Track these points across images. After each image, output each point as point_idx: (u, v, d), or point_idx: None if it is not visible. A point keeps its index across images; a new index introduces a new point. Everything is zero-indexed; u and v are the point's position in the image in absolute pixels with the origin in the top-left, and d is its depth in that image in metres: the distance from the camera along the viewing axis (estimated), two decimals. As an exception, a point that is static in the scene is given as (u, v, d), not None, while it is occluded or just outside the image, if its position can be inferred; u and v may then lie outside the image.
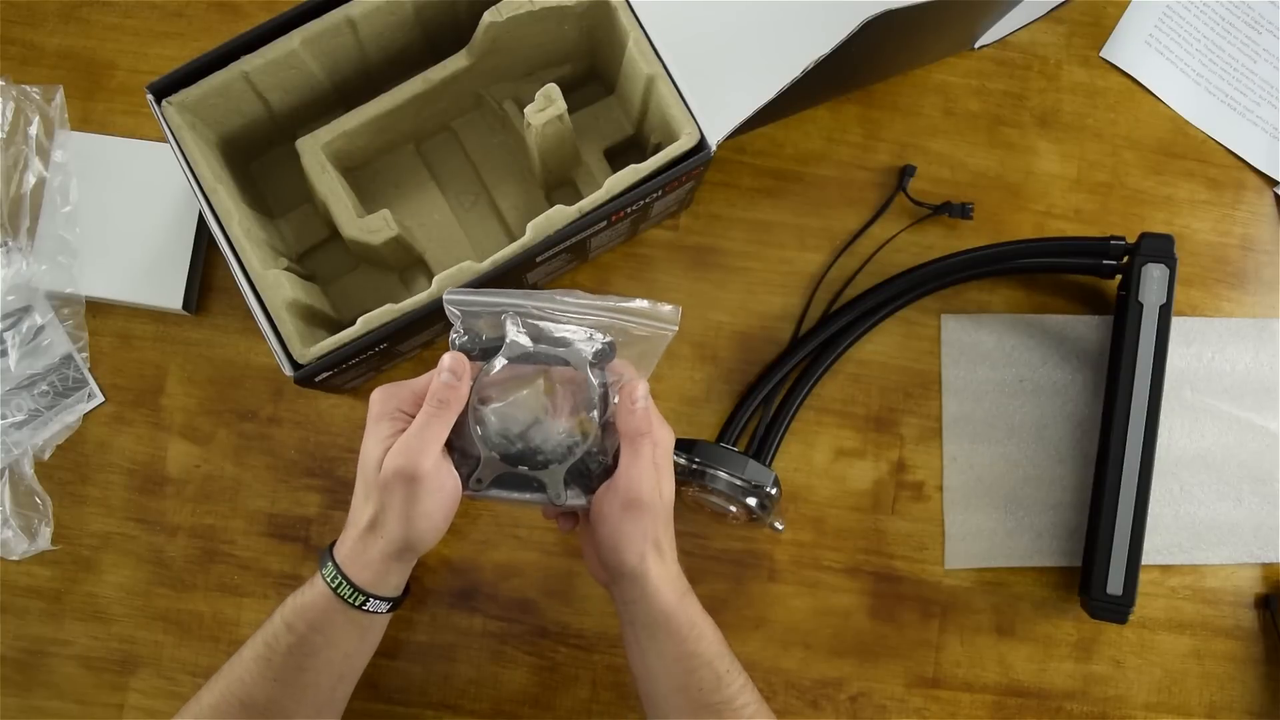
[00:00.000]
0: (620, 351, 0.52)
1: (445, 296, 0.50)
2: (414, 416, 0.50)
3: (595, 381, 0.50)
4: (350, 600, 0.51)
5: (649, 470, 0.51)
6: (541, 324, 0.50)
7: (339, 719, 0.55)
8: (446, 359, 0.50)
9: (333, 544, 0.53)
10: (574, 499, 0.52)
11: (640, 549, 0.51)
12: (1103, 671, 0.70)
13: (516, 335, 0.50)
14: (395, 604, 0.54)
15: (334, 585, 0.51)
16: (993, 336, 0.72)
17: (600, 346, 0.51)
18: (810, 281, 0.72)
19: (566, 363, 0.50)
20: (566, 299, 0.50)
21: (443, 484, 0.49)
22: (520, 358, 0.50)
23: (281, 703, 0.52)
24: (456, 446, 0.50)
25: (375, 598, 0.52)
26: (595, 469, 0.52)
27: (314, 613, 0.52)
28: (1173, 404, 0.72)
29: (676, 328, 0.52)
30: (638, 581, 0.52)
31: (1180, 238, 0.69)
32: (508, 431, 0.50)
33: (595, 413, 0.50)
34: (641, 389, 0.51)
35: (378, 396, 0.51)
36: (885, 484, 0.71)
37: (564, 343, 0.50)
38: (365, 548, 0.51)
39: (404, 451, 0.48)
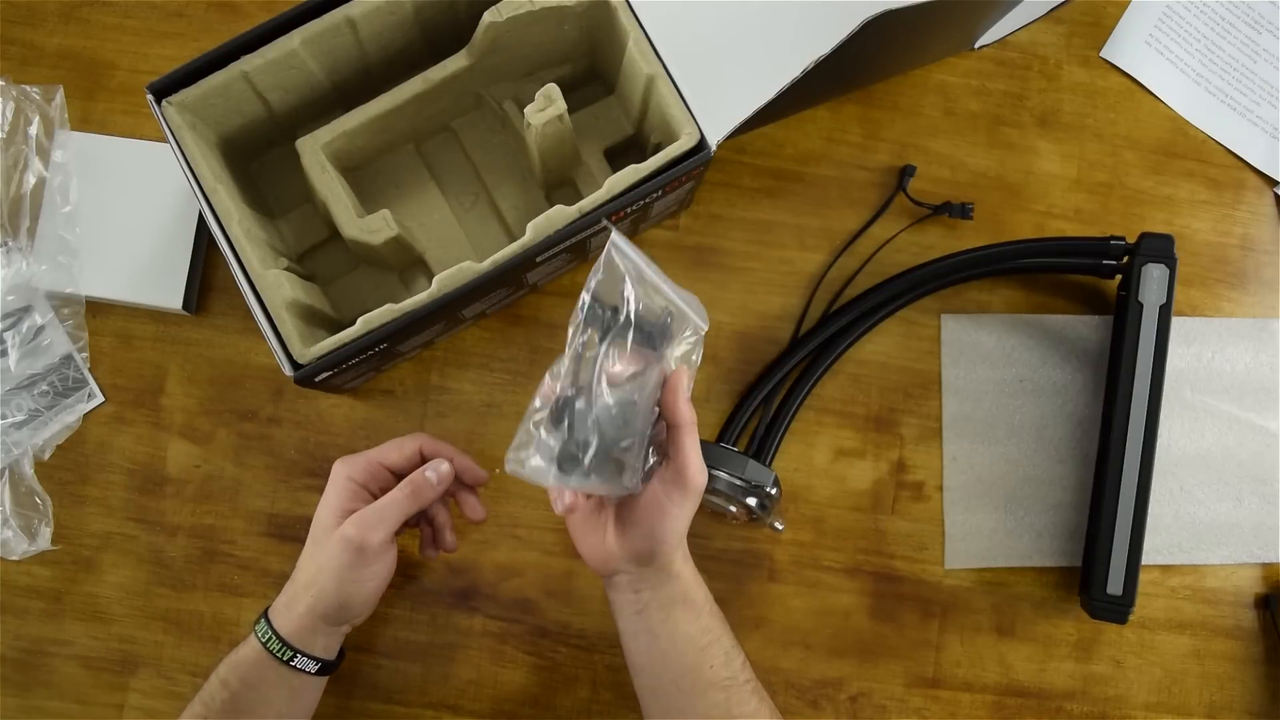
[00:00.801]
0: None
1: (614, 238, 0.48)
2: (362, 485, 0.56)
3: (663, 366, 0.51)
4: (278, 654, 0.53)
5: (700, 457, 0.52)
6: (646, 300, 0.50)
7: None
8: (443, 467, 0.57)
9: (268, 606, 0.56)
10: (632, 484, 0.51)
11: (681, 533, 0.53)
12: (1103, 671, 0.70)
13: (644, 313, 0.49)
14: (325, 668, 0.56)
15: (263, 639, 0.54)
16: (993, 336, 0.72)
17: (669, 327, 0.51)
18: (810, 281, 0.72)
19: (656, 347, 0.50)
20: (663, 281, 0.50)
21: (384, 562, 0.55)
22: (643, 337, 0.50)
23: None
24: (552, 430, 0.48)
25: (303, 654, 0.54)
26: (651, 454, 0.52)
27: (246, 667, 0.54)
28: (1173, 404, 0.72)
29: (706, 326, 0.53)
30: (665, 564, 0.53)
31: (1180, 238, 0.69)
32: (620, 417, 0.49)
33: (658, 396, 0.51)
34: (687, 377, 0.52)
35: (337, 466, 0.57)
36: (885, 484, 0.71)
37: (662, 326, 0.51)
38: (296, 603, 0.54)
39: (360, 523, 0.54)
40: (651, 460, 0.52)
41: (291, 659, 0.54)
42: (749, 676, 0.55)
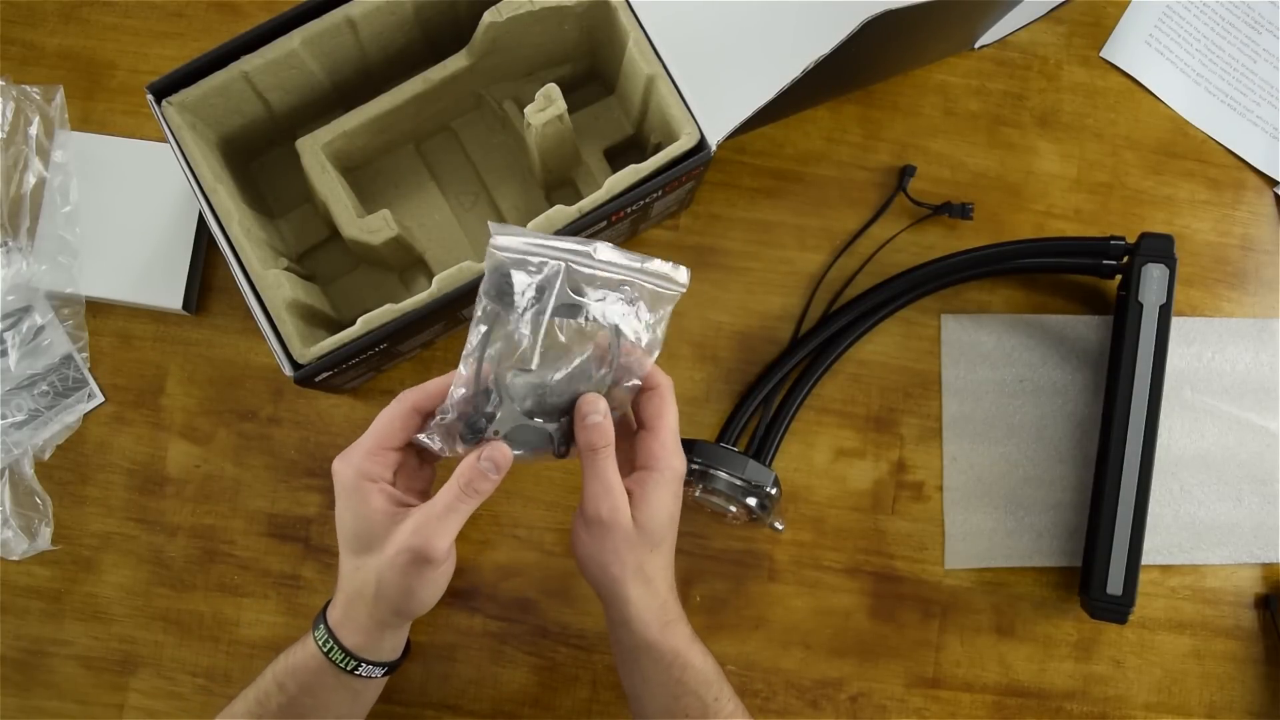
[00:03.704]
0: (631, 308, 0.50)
1: (494, 239, 0.46)
2: (389, 482, 0.49)
3: (616, 343, 0.49)
4: (342, 665, 0.51)
5: (604, 488, 0.48)
6: (580, 275, 0.48)
7: None
8: (493, 451, 0.47)
9: (327, 603, 0.53)
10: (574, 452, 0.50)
11: (613, 572, 0.50)
12: (1103, 671, 0.70)
13: (565, 289, 0.47)
14: (392, 667, 0.53)
15: (325, 649, 0.50)
16: (993, 336, 0.72)
17: (624, 307, 0.49)
18: (810, 281, 0.72)
19: (601, 324, 0.48)
20: (600, 255, 0.47)
21: (451, 562, 0.49)
22: (564, 310, 0.47)
23: None
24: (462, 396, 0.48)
25: (369, 663, 0.51)
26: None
27: (306, 674, 0.51)
28: (1173, 404, 0.72)
29: (685, 288, 0.50)
30: (615, 606, 0.51)
31: (1180, 238, 0.69)
32: (539, 385, 0.48)
33: (605, 370, 0.49)
34: (603, 404, 0.49)
35: (342, 468, 0.49)
36: (885, 484, 0.71)
37: (600, 299, 0.48)
38: (359, 614, 0.50)
39: (421, 532, 0.47)
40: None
41: (356, 669, 0.51)
42: (734, 709, 0.54)
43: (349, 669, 0.51)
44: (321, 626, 0.51)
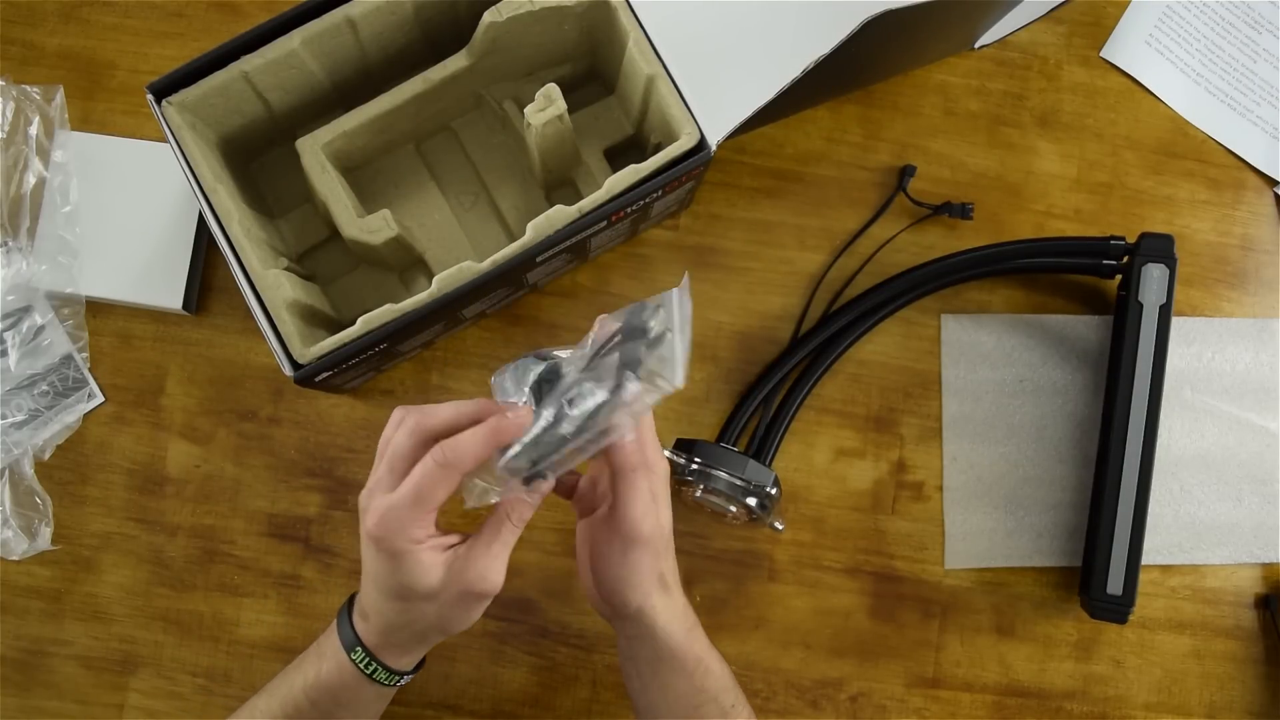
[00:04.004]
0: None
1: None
2: (433, 531, 0.47)
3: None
4: (385, 682, 0.51)
5: (648, 504, 0.48)
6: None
7: None
8: (545, 485, 0.46)
9: (350, 610, 0.51)
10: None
11: (646, 588, 0.50)
12: (1103, 671, 0.70)
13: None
14: (422, 664, 0.54)
15: (369, 671, 0.50)
16: (993, 336, 0.72)
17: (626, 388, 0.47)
18: (810, 281, 0.72)
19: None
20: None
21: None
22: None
23: None
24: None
25: (408, 673, 0.52)
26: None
27: (342, 691, 0.51)
28: (1173, 404, 0.72)
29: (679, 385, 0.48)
30: (641, 617, 0.51)
31: (1180, 238, 0.69)
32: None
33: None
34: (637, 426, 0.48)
35: (384, 534, 0.45)
36: (885, 484, 0.71)
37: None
38: (402, 638, 0.50)
39: (480, 571, 0.46)
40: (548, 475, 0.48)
41: (397, 682, 0.52)
42: (747, 716, 0.54)
43: (391, 684, 0.51)
44: (359, 649, 0.50)
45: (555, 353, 0.48)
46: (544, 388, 0.47)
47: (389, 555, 0.46)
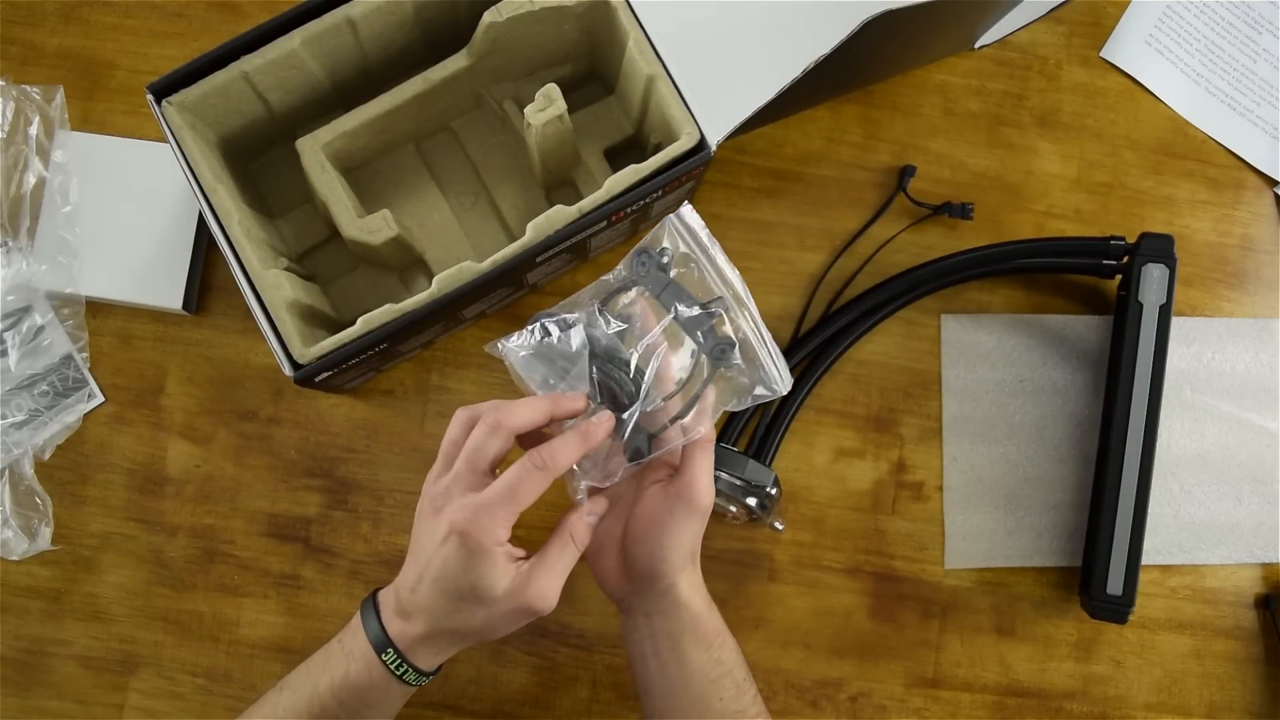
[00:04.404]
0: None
1: (677, 217, 0.51)
2: (501, 543, 0.47)
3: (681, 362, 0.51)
4: (412, 682, 0.51)
5: (710, 477, 0.51)
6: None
7: None
8: (595, 506, 0.50)
9: (376, 608, 0.51)
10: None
11: (684, 559, 0.51)
12: (1103, 671, 0.70)
13: (705, 315, 0.51)
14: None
15: (400, 673, 0.50)
16: (993, 336, 0.72)
17: (732, 355, 0.51)
18: (810, 281, 0.72)
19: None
20: (741, 312, 0.51)
21: None
22: (691, 325, 0.51)
23: None
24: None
25: (433, 674, 0.52)
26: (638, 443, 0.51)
27: (370, 691, 0.51)
28: (1173, 404, 0.72)
29: (782, 393, 0.51)
30: (670, 590, 0.52)
31: (1180, 238, 0.69)
32: (622, 349, 0.50)
33: (679, 404, 0.50)
34: (712, 395, 0.51)
35: (475, 531, 0.46)
36: (885, 484, 0.71)
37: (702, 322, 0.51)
38: (441, 642, 0.50)
39: (542, 591, 0.48)
40: (625, 461, 0.51)
41: (422, 681, 0.52)
42: (760, 709, 0.55)
43: (417, 684, 0.52)
44: (390, 650, 0.50)
45: (565, 316, 0.51)
46: (603, 371, 0.50)
47: (470, 552, 0.47)
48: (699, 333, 0.51)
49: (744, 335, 0.51)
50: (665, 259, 0.51)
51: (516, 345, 0.51)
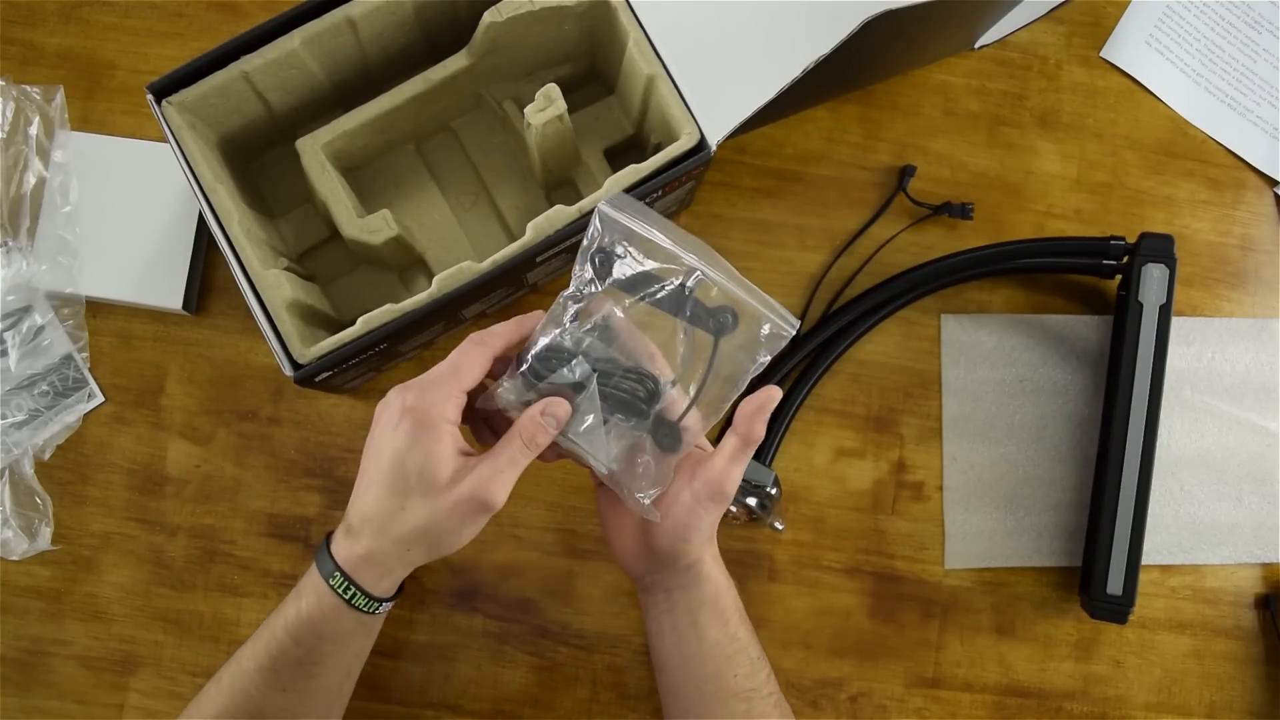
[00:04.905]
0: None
1: (606, 206, 0.49)
2: (450, 420, 0.48)
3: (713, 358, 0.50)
4: (364, 609, 0.50)
5: (741, 466, 0.52)
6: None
7: (345, 704, 0.56)
8: (552, 407, 0.48)
9: (328, 543, 0.51)
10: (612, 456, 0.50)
11: (707, 534, 0.53)
12: (1103, 671, 0.70)
13: (679, 289, 0.49)
14: (399, 594, 0.53)
15: (348, 597, 0.50)
16: (993, 336, 0.72)
17: (728, 319, 0.50)
18: (810, 281, 0.72)
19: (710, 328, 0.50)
20: (714, 273, 0.49)
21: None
22: (670, 305, 0.49)
23: (292, 709, 0.52)
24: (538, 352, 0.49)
25: (387, 600, 0.51)
26: (662, 438, 0.51)
27: (322, 624, 0.51)
28: (1173, 404, 0.72)
29: (795, 330, 0.50)
30: (695, 565, 0.53)
31: (1180, 238, 0.69)
32: (609, 360, 0.49)
33: (694, 385, 0.50)
34: (775, 393, 0.51)
35: (418, 403, 0.48)
36: (885, 484, 0.71)
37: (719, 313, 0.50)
38: (386, 556, 0.49)
39: (487, 482, 0.48)
40: (649, 459, 0.51)
41: (376, 609, 0.51)
42: (773, 689, 0.55)
43: (370, 611, 0.51)
44: (338, 574, 0.50)
45: (547, 347, 0.49)
46: (612, 388, 0.49)
47: (418, 426, 0.47)
48: (686, 310, 0.50)
49: (734, 295, 0.49)
50: (617, 250, 0.49)
51: (510, 393, 0.49)
